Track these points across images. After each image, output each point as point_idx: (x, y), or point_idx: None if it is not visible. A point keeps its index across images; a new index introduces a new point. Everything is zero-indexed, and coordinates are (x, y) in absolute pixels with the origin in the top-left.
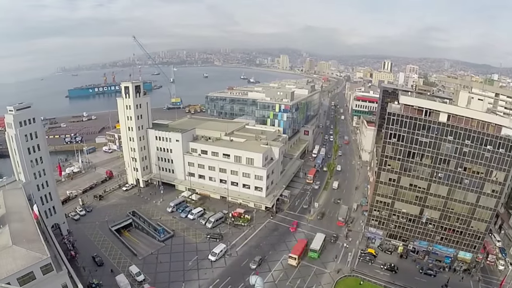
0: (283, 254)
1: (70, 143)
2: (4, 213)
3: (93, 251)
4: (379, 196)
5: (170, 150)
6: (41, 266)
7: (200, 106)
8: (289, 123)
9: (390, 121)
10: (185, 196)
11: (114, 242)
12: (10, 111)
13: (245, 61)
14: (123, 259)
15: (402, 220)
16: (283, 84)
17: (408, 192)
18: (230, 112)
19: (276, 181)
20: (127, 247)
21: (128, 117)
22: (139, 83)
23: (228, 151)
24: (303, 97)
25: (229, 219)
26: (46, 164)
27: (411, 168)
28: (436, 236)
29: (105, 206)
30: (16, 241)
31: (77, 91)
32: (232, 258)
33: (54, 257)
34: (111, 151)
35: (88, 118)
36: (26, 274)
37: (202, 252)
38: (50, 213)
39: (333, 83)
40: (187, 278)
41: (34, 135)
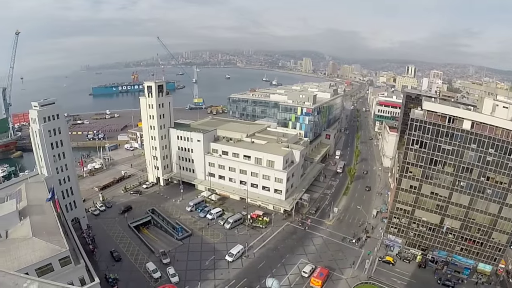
0: (300, 258)
1: (93, 139)
2: (25, 205)
3: (112, 246)
4: (400, 203)
5: (191, 150)
6: (59, 259)
7: (222, 107)
8: (311, 126)
9: (412, 127)
10: (205, 196)
11: (133, 238)
12: (35, 107)
13: (268, 63)
14: (141, 255)
15: (422, 228)
16: (306, 87)
17: (429, 200)
18: (252, 114)
19: (296, 184)
20: (145, 244)
21: (151, 116)
22: (162, 82)
23: (249, 153)
24: (325, 101)
25: (247, 220)
26: (68, 159)
27: (432, 175)
28: (456, 247)
29: (125, 203)
30: (36, 233)
31: (100, 89)
32: (249, 259)
33: (73, 250)
34: (132, 149)
35: (111, 116)
36: (45, 265)
37: (220, 252)
38: (70, 207)
39: (356, 87)
40: (203, 277)
41: (58, 131)
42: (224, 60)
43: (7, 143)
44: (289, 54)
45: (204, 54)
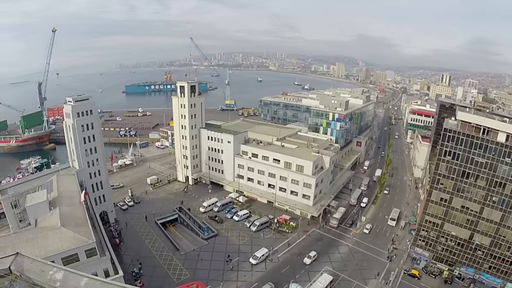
0: (324, 265)
1: (124, 136)
2: (56, 196)
3: (138, 241)
4: (429, 215)
5: (221, 151)
6: (85, 250)
7: (253, 110)
8: (342, 132)
9: (445, 138)
10: (232, 197)
11: (159, 235)
12: (69, 102)
13: (300, 67)
14: (165, 252)
15: (450, 243)
16: (338, 92)
17: (459, 214)
18: (283, 117)
19: (324, 190)
20: (170, 241)
21: (182, 115)
22: (194, 83)
23: (278, 156)
24: (357, 107)
25: (274, 224)
26: (99, 154)
27: (464, 189)
28: (485, 264)
29: (153, 200)
30: (65, 223)
31: (134, 87)
32: (273, 263)
33: (99, 242)
34: (163, 147)
35: (143, 114)
36: (71, 255)
37: (244, 254)
38: (99, 200)
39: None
40: (226, 278)
41: (90, 126)
42: (257, 63)
43: (41, 135)
44: (322, 58)
45: (237, 56)
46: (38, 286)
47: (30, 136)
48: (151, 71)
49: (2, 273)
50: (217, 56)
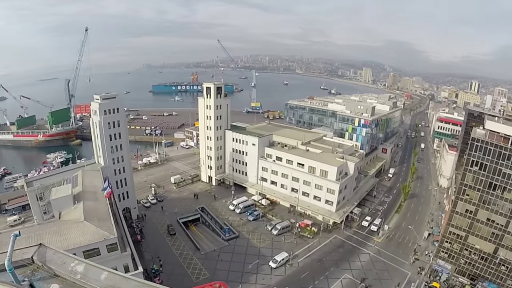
0: (344, 273)
1: (150, 135)
2: (80, 191)
3: (159, 239)
4: (453, 227)
5: (245, 153)
6: (107, 244)
7: (279, 113)
8: (368, 138)
9: (473, 147)
10: (255, 199)
11: (180, 233)
12: (97, 100)
13: (327, 72)
14: (186, 251)
15: (474, 256)
16: (365, 98)
17: (484, 227)
18: (309, 121)
19: (348, 197)
20: (191, 241)
21: (208, 116)
22: (220, 84)
23: (303, 161)
24: (384, 113)
25: (295, 228)
26: (125, 151)
27: (490, 201)
28: (508, 280)
29: (176, 198)
30: (88, 218)
31: (160, 87)
32: (293, 268)
33: (121, 238)
34: (188, 147)
35: (169, 114)
36: (92, 249)
37: (264, 258)
38: (123, 197)
39: (416, 101)
40: (244, 280)
41: (117, 124)
42: (283, 66)
43: (68, 131)
44: (349, 63)
45: (264, 59)
46: (59, 277)
47: (58, 131)
48: (178, 71)
49: (25, 262)
50: (244, 58)
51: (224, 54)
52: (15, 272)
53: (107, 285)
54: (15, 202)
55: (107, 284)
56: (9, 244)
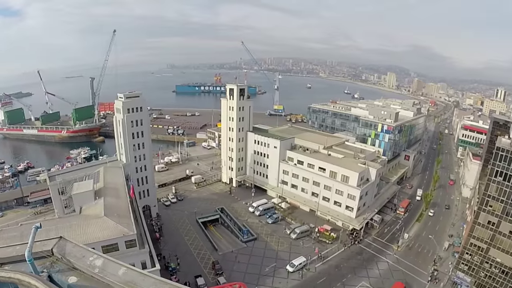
0: (361, 281)
1: (172, 134)
2: (102, 187)
3: (177, 237)
4: (474, 238)
5: (267, 155)
6: (125, 240)
7: (301, 116)
8: (390, 145)
9: (497, 157)
10: (275, 202)
11: (198, 233)
12: (120, 98)
13: (351, 76)
14: (204, 251)
15: (495, 270)
16: (388, 103)
17: (507, 240)
18: (331, 126)
19: (368, 203)
20: (209, 241)
21: (230, 118)
22: (243, 86)
23: (324, 165)
24: (407, 120)
25: (314, 233)
26: (147, 150)
27: None
28: None
29: (196, 198)
30: (108, 213)
31: (184, 87)
32: (310, 273)
33: (140, 235)
34: (209, 148)
35: (192, 114)
36: (111, 244)
37: (281, 261)
38: (143, 195)
39: (440, 107)
40: (261, 282)
41: (140, 122)
42: (307, 69)
43: (91, 128)
44: (373, 67)
45: (287, 62)
46: (78, 270)
47: (81, 128)
48: (201, 72)
49: (45, 254)
50: (267, 61)
51: (248, 56)
52: (35, 263)
53: (125, 281)
54: (37, 195)
55: (124, 279)
56: (30, 235)
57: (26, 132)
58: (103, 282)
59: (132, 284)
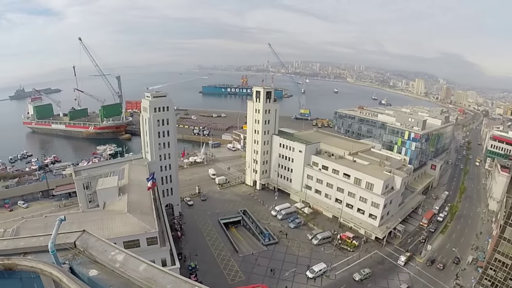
0: None
1: (198, 135)
2: (126, 183)
3: (199, 237)
4: (499, 254)
5: (291, 159)
6: (147, 237)
7: (327, 121)
8: (417, 153)
9: None
10: (298, 207)
11: (220, 234)
12: (147, 97)
13: (378, 81)
14: (224, 252)
15: None
16: (416, 110)
17: None
18: (357, 132)
19: (392, 212)
20: (230, 242)
21: (256, 120)
22: (270, 89)
23: (349, 172)
24: (435, 128)
25: (336, 240)
26: (172, 149)
27: None
28: None
29: (219, 199)
30: (131, 210)
31: (210, 88)
32: (329, 280)
33: (161, 232)
34: (234, 149)
35: (218, 115)
36: (132, 240)
37: (301, 266)
38: (167, 193)
39: (469, 116)
40: (280, 287)
41: (166, 122)
42: (334, 74)
43: (118, 125)
44: (401, 73)
45: (315, 65)
46: (99, 263)
47: (108, 125)
48: (228, 74)
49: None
50: (295, 64)
51: (275, 59)
52: (57, 254)
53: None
54: (62, 188)
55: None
56: (54, 227)
57: (54, 127)
58: (123, 277)
59: (152, 281)
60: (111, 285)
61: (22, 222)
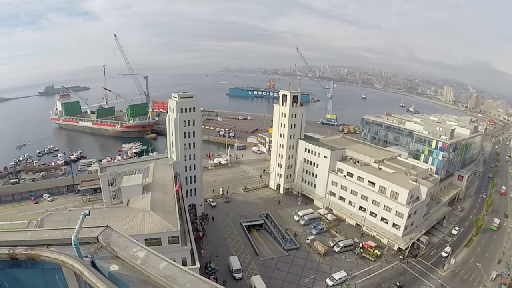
0: None
1: (223, 137)
2: (150, 182)
3: (220, 238)
4: None
5: (316, 165)
6: (169, 236)
7: (354, 127)
8: (444, 163)
9: None
10: (321, 213)
11: (241, 236)
12: (174, 98)
13: (406, 88)
14: (245, 254)
15: None
16: (444, 119)
17: None
18: (384, 139)
19: (416, 223)
20: (251, 245)
21: (282, 124)
22: (297, 93)
23: (374, 179)
24: (463, 137)
25: (358, 248)
26: (197, 150)
27: None
28: None
29: (242, 202)
30: (154, 208)
31: (237, 91)
32: None
33: (183, 232)
34: (259, 153)
35: (244, 118)
36: (154, 238)
37: (322, 273)
38: (190, 193)
39: (499, 126)
40: None
41: (192, 123)
42: (362, 79)
43: (144, 124)
44: (430, 80)
45: (342, 70)
46: (120, 259)
47: (134, 124)
48: (255, 77)
49: (90, 240)
50: (322, 69)
51: (302, 63)
52: (80, 248)
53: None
54: (87, 184)
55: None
56: (78, 221)
57: (81, 124)
58: (143, 274)
59: (171, 279)
60: (131, 281)
61: (47, 214)
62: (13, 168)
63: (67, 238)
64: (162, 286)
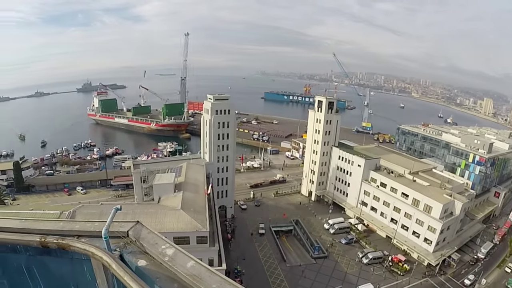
0: None
1: (257, 140)
2: (182, 181)
3: (248, 241)
4: None
5: (349, 173)
6: (197, 236)
7: (389, 136)
8: (481, 178)
9: None
10: (351, 223)
11: (269, 241)
12: (210, 99)
13: (445, 98)
14: (272, 260)
15: None
16: (482, 131)
17: None
18: (420, 150)
19: (449, 239)
20: (279, 251)
21: (317, 130)
22: (333, 99)
23: (408, 191)
24: (502, 152)
25: (387, 261)
26: (230, 152)
27: None
28: None
29: (272, 206)
30: (184, 207)
31: (272, 95)
32: None
33: (212, 233)
34: (292, 158)
35: (278, 122)
36: (183, 237)
37: (348, 284)
38: (221, 195)
39: None
40: None
41: (226, 125)
42: (399, 87)
43: (179, 124)
44: (469, 91)
45: (379, 78)
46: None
47: (170, 123)
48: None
49: (120, 234)
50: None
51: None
52: (110, 241)
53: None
54: (120, 179)
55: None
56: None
57: (117, 120)
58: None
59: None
60: (158, 277)
61: (79, 207)
62: (49, 160)
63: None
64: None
